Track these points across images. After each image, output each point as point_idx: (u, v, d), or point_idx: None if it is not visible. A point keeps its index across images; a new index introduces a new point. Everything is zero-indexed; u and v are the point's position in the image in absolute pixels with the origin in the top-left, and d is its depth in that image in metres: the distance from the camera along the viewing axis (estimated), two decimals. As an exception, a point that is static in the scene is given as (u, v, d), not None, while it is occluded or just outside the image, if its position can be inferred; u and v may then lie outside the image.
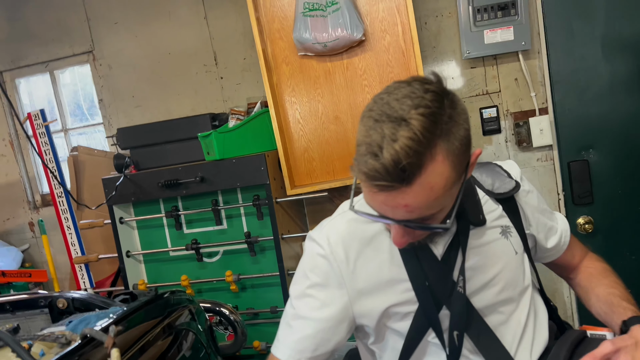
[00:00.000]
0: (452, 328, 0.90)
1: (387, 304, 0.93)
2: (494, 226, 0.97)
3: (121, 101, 2.51)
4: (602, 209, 2.07)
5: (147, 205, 2.23)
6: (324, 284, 0.93)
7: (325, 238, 0.95)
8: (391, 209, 0.77)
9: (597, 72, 2.00)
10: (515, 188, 0.99)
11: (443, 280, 0.91)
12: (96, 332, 0.97)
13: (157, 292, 1.43)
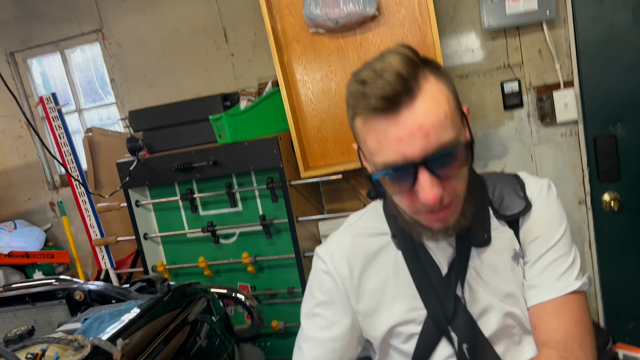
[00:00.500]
0: (461, 341, 0.87)
1: (392, 323, 0.90)
2: (505, 248, 0.90)
3: (132, 80, 2.48)
4: (630, 186, 1.98)
5: (163, 188, 2.23)
6: (329, 302, 0.91)
7: (329, 254, 0.93)
8: (408, 141, 0.73)
9: (627, 41, 1.88)
10: (522, 212, 0.89)
11: (447, 297, 0.88)
12: (105, 343, 0.97)
13: (170, 287, 1.43)
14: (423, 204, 0.76)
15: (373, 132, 0.76)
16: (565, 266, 0.89)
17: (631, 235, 2.01)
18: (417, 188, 0.75)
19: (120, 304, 1.40)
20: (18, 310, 1.64)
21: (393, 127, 0.73)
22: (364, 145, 0.80)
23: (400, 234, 0.91)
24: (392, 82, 0.72)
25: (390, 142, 0.74)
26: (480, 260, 0.89)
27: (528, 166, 2.06)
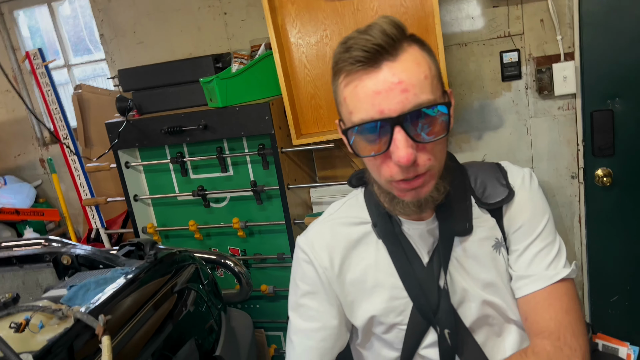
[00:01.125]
0: (443, 326, 0.87)
1: (373, 312, 0.90)
2: (486, 238, 0.90)
3: (122, 37, 2.40)
4: (623, 162, 1.97)
5: (153, 150, 2.20)
6: (314, 292, 0.91)
7: (309, 244, 0.93)
8: (386, 95, 0.73)
9: (633, 13, 1.82)
10: (505, 199, 0.89)
11: (429, 285, 0.88)
12: (87, 317, 0.97)
13: (157, 256, 1.42)
14: (396, 165, 0.75)
15: (352, 87, 0.76)
16: (552, 255, 0.89)
17: (621, 211, 2.02)
18: (392, 148, 0.74)
19: (107, 271, 1.40)
20: (6, 272, 1.65)
21: (372, 80, 0.74)
22: (343, 106, 0.79)
23: (382, 222, 0.90)
24: (376, 36, 0.73)
25: (368, 96, 0.74)
26: (462, 249, 0.89)
27: (523, 139, 2.03)
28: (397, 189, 0.81)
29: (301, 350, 0.92)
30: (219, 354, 1.44)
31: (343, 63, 0.76)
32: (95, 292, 1.25)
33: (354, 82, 0.75)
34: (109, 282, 1.30)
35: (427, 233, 0.89)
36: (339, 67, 0.78)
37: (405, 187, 0.79)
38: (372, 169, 0.82)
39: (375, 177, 0.83)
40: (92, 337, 1.00)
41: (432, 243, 0.90)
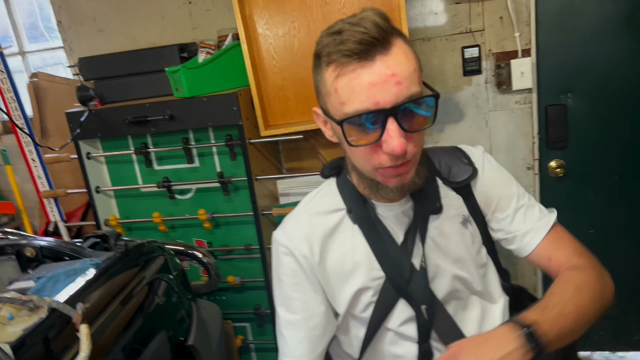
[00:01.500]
0: (419, 302, 0.92)
1: (350, 295, 0.93)
2: (455, 215, 0.96)
3: (82, 24, 2.33)
4: (575, 154, 2.08)
5: (115, 141, 2.15)
6: (297, 282, 0.93)
7: (287, 236, 0.94)
8: (381, 87, 0.75)
9: (584, 12, 1.93)
10: (471, 176, 0.96)
11: (403, 265, 0.92)
12: (64, 306, 0.96)
13: (128, 247, 1.41)
14: (389, 154, 0.78)
15: (346, 79, 0.77)
16: (536, 208, 0.99)
17: (573, 201, 2.14)
18: (384, 138, 0.77)
19: (75, 262, 1.37)
20: (-37, 266, 1.59)
21: (367, 73, 0.75)
22: (333, 97, 0.80)
23: (356, 207, 0.93)
24: (370, 29, 0.74)
25: (363, 88, 0.75)
26: (434, 227, 0.94)
27: (482, 131, 2.12)
28: (382, 176, 0.84)
29: (294, 343, 0.93)
30: (192, 344, 1.44)
31: (335, 55, 0.77)
32: (65, 283, 1.23)
33: (348, 74, 0.76)
34: (79, 273, 1.27)
35: (401, 214, 0.94)
36: (331, 58, 0.78)
37: (391, 174, 0.82)
38: (359, 157, 0.84)
39: (361, 165, 0.85)
40: (68, 327, 0.98)
41: (407, 223, 0.94)
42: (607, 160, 2.08)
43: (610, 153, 2.07)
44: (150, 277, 1.40)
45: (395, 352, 0.96)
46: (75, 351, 0.95)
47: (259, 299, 2.23)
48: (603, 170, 2.09)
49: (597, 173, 2.10)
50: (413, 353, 0.95)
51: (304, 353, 0.93)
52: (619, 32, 1.92)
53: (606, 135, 2.05)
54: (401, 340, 0.95)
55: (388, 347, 0.96)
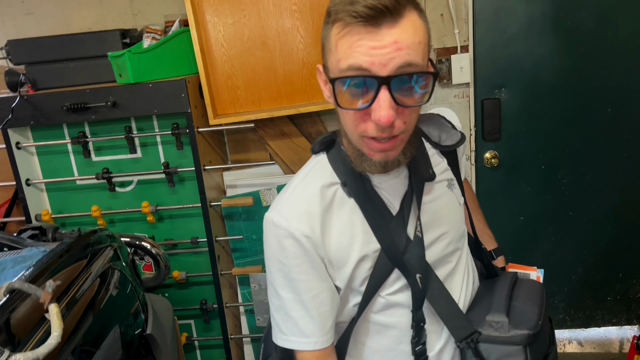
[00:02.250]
0: (414, 271, 0.93)
1: (350, 269, 0.92)
2: (441, 180, 1.00)
3: (8, 6, 2.16)
4: (507, 145, 2.23)
5: (48, 130, 2.02)
6: (300, 264, 0.90)
7: (285, 218, 0.91)
8: (380, 50, 0.75)
9: (516, 13, 2.07)
10: (461, 140, 1.00)
11: (399, 234, 0.93)
12: (29, 286, 0.88)
13: (81, 232, 1.32)
14: (375, 123, 0.78)
15: (348, 37, 0.76)
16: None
17: (506, 189, 2.28)
18: (374, 106, 0.77)
19: (20, 251, 1.27)
20: None
21: (369, 37, 0.75)
22: (333, 53, 0.79)
23: (351, 180, 0.93)
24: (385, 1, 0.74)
25: (362, 48, 0.75)
26: (426, 193, 0.96)
27: (424, 124, 2.21)
28: (367, 147, 0.84)
29: (304, 322, 0.92)
30: (150, 333, 1.37)
31: (343, 14, 0.76)
32: (14, 271, 1.14)
33: (351, 34, 0.76)
34: (28, 260, 1.19)
35: (397, 183, 0.95)
36: (338, 16, 0.77)
37: (376, 147, 0.83)
38: (347, 122, 0.83)
39: (349, 131, 0.85)
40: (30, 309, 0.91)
41: (402, 192, 0.95)
42: (535, 151, 2.24)
43: (537, 145, 2.24)
44: (105, 264, 1.33)
45: (386, 321, 0.97)
46: (41, 333, 0.88)
47: (205, 294, 2.17)
48: (531, 160, 2.25)
49: (526, 163, 2.26)
50: (404, 321, 0.96)
51: (316, 330, 0.92)
52: (546, 32, 2.09)
53: (534, 128, 2.21)
54: (393, 308, 0.96)
55: (379, 315, 0.97)
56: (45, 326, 0.90)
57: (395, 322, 0.97)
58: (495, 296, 1.01)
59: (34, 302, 0.92)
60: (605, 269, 2.40)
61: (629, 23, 2.07)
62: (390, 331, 0.98)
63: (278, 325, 0.95)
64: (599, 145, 2.22)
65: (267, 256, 0.95)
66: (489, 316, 0.96)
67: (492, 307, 0.98)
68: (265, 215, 0.94)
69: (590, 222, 2.33)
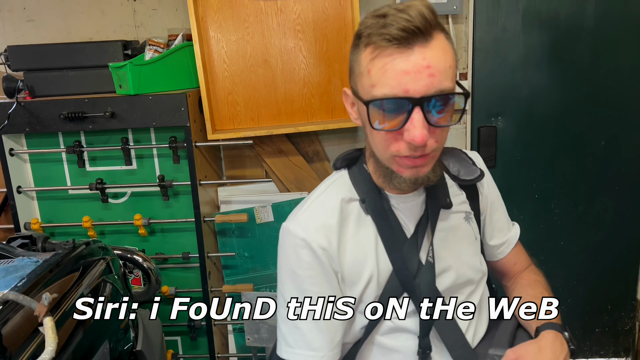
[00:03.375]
0: (423, 296, 0.93)
1: (362, 287, 0.92)
2: (459, 211, 1.01)
3: (9, 12, 2.15)
4: (502, 172, 2.25)
5: (43, 138, 1.99)
6: (314, 275, 0.90)
7: (303, 228, 0.91)
8: (414, 76, 0.76)
9: (515, 43, 2.11)
10: (480, 176, 1.01)
11: (411, 257, 0.93)
12: (23, 297, 0.86)
13: (75, 243, 1.30)
14: (409, 143, 0.79)
15: (381, 62, 0.77)
16: (508, 218, 1.13)
17: (499, 216, 2.29)
18: (407, 126, 0.78)
19: (11, 260, 1.24)
20: None
21: (403, 60, 0.76)
22: (365, 78, 0.80)
23: (370, 198, 0.94)
24: (415, 17, 0.75)
25: (396, 74, 0.76)
26: (442, 220, 0.96)
27: (421, 148, 2.22)
28: (397, 165, 0.85)
29: (313, 335, 0.91)
30: (140, 349, 1.34)
31: (377, 37, 0.77)
32: (5, 281, 1.11)
33: (385, 58, 0.77)
34: (20, 271, 1.16)
35: (414, 206, 0.96)
36: (371, 39, 0.78)
37: (408, 164, 0.83)
38: (379, 142, 0.84)
39: (379, 151, 0.86)
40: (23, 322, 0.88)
41: (418, 216, 0.96)
42: (529, 180, 2.26)
43: (531, 174, 2.26)
44: (99, 277, 1.30)
45: (392, 345, 0.96)
46: (34, 347, 0.85)
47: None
48: (525, 189, 2.27)
49: (520, 192, 2.28)
50: (409, 346, 0.95)
51: (324, 343, 0.91)
52: (543, 64, 2.12)
53: (529, 157, 2.23)
54: (399, 333, 0.96)
55: (385, 339, 0.97)
56: (38, 340, 0.87)
57: (400, 346, 0.96)
58: (499, 331, 1.01)
59: (27, 314, 0.89)
60: (595, 300, 2.41)
61: (623, 59, 2.12)
62: (395, 355, 0.97)
63: (284, 337, 0.94)
64: (592, 177, 2.25)
65: (280, 266, 0.94)
66: (491, 350, 0.97)
67: (494, 342, 0.98)
68: (283, 225, 0.94)
69: (581, 252, 2.34)
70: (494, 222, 1.10)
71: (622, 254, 2.34)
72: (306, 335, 0.91)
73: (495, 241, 1.12)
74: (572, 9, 2.07)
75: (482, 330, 1.03)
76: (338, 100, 1.98)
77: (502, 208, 1.12)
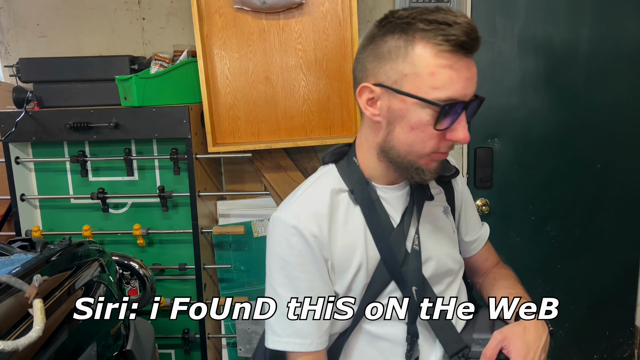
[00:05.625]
0: (411, 284, 0.96)
1: (351, 275, 0.95)
2: (438, 204, 1.06)
3: (23, 27, 2.25)
4: (498, 194, 2.27)
5: (49, 147, 2.05)
6: (304, 263, 0.92)
7: (294, 216, 0.93)
8: (470, 82, 0.85)
9: (511, 67, 2.16)
10: (455, 173, 1.07)
11: (398, 245, 0.96)
12: (15, 280, 0.89)
13: (72, 241, 1.33)
14: (452, 142, 0.88)
15: (448, 66, 0.82)
16: (479, 217, 1.19)
17: (495, 237, 2.26)
18: (455, 126, 0.86)
19: (9, 256, 1.28)
20: None
21: (466, 67, 0.84)
22: (427, 79, 0.83)
23: (359, 189, 0.97)
24: (474, 26, 0.83)
25: (462, 79, 0.84)
26: (425, 212, 1.00)
27: (418, 167, 2.25)
28: (429, 159, 0.91)
29: (301, 323, 0.92)
30: (130, 349, 1.35)
31: (440, 38, 0.81)
32: (1, 273, 1.14)
33: (451, 61, 0.82)
34: (16, 264, 1.19)
35: (400, 197, 1.00)
36: (427, 34, 0.82)
37: (439, 158, 0.92)
38: (419, 141, 0.87)
39: (414, 149, 0.89)
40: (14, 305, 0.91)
41: (403, 206, 1.00)
42: (525, 202, 2.28)
43: (528, 196, 2.28)
44: (92, 275, 1.32)
45: (380, 332, 0.98)
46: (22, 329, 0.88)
47: (188, 323, 2.14)
48: (521, 211, 2.29)
49: (516, 213, 2.29)
50: (397, 333, 0.97)
51: (313, 331, 0.93)
52: (539, 87, 2.17)
53: (525, 179, 2.26)
54: (387, 320, 0.98)
55: (374, 327, 0.98)
56: (27, 323, 0.89)
57: (386, 333, 0.98)
58: (479, 318, 1.05)
59: (18, 299, 0.92)
60: (592, 325, 2.39)
61: (618, 83, 2.16)
62: (382, 342, 0.98)
63: (272, 327, 0.95)
64: (589, 200, 2.26)
65: (269, 254, 0.96)
66: (475, 334, 1.00)
67: (477, 327, 1.01)
68: (273, 215, 0.97)
69: (578, 276, 2.34)
70: (467, 218, 1.16)
71: (620, 279, 2.34)
72: (294, 323, 0.93)
73: (470, 237, 1.17)
74: (567, 34, 2.13)
75: (462, 320, 1.06)
76: (337, 117, 2.03)
77: (473, 207, 1.19)
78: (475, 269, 1.23)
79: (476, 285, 1.23)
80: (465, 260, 1.19)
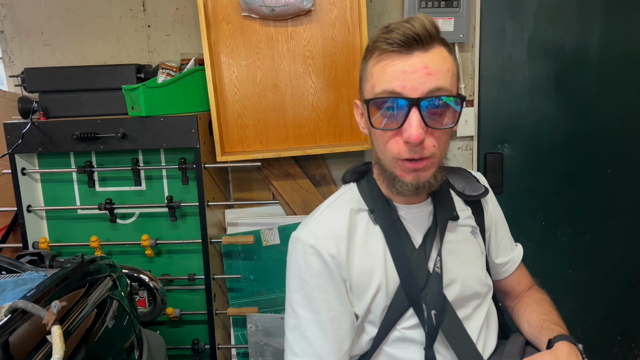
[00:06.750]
0: (430, 307, 0.93)
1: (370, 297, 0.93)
2: (465, 225, 1.03)
3: (27, 36, 2.22)
4: (509, 199, 2.25)
5: (55, 158, 2.02)
6: (322, 282, 0.91)
7: (312, 236, 0.92)
8: (411, 75, 0.81)
9: (520, 71, 2.14)
10: (484, 193, 1.05)
11: (419, 267, 0.94)
12: (32, 306, 0.87)
13: (84, 258, 1.31)
14: (404, 143, 0.83)
15: (382, 65, 0.84)
16: (511, 237, 1.15)
17: (506, 243, 2.28)
18: (405, 126, 0.82)
19: (20, 274, 1.25)
20: None
21: (402, 62, 0.82)
22: (369, 82, 0.86)
23: (379, 208, 0.95)
24: (416, 27, 0.82)
25: (395, 73, 0.82)
26: (449, 232, 0.97)
27: (427, 174, 2.23)
28: (400, 168, 0.88)
29: (320, 343, 0.91)
30: (144, 367, 1.33)
31: (380, 42, 0.84)
32: (14, 293, 1.12)
33: (385, 60, 0.83)
34: (29, 283, 1.17)
35: (422, 217, 0.97)
36: (375, 45, 0.85)
37: (409, 167, 0.86)
38: (380, 145, 0.88)
39: (383, 153, 0.89)
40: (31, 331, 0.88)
41: (426, 227, 0.97)
42: (536, 207, 2.26)
43: (538, 201, 2.26)
44: (105, 293, 1.30)
45: (399, 355, 0.96)
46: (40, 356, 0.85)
47: (197, 334, 2.12)
48: (532, 216, 2.27)
49: (527, 219, 2.27)
50: (416, 357, 0.95)
51: (332, 352, 0.91)
52: (549, 92, 2.15)
53: (535, 185, 2.24)
54: (407, 343, 0.96)
55: (394, 350, 0.96)
56: (45, 349, 0.87)
57: (407, 357, 0.95)
58: (509, 343, 1.02)
59: (35, 324, 0.89)
60: (604, 331, 2.37)
61: (628, 87, 2.14)
62: None
63: (291, 346, 0.94)
64: (600, 205, 2.24)
65: (289, 273, 0.95)
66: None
67: (506, 353, 0.98)
68: (293, 234, 0.96)
69: (589, 282, 2.32)
70: (498, 240, 1.12)
71: (632, 284, 2.32)
72: (314, 343, 0.91)
73: (501, 259, 1.14)
74: (577, 38, 2.11)
75: (491, 344, 1.03)
76: (346, 125, 2.00)
77: (505, 227, 1.15)
78: (507, 292, 1.19)
79: (508, 309, 1.19)
80: (497, 283, 1.16)
